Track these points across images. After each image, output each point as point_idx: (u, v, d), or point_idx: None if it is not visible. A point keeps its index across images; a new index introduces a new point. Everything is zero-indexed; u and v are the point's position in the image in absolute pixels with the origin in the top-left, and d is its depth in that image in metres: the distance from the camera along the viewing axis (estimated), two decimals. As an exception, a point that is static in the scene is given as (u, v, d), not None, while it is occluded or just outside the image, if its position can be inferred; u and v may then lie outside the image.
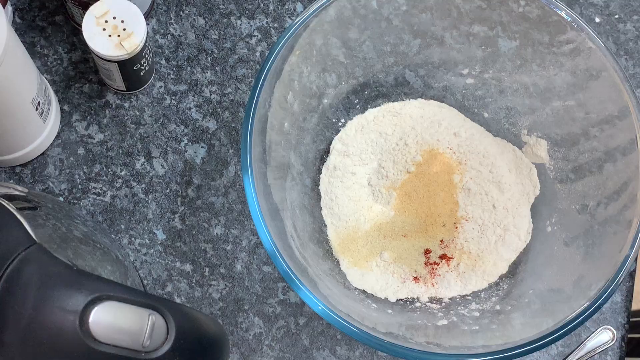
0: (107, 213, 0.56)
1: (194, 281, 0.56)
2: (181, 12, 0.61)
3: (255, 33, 0.61)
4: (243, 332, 0.55)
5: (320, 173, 0.57)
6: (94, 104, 0.58)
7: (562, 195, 0.55)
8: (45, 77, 0.58)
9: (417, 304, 0.54)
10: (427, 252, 0.55)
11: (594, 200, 0.51)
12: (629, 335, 0.57)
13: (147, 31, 0.53)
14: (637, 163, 0.47)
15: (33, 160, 0.56)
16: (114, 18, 0.51)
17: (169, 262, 0.56)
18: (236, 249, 0.57)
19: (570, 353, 0.56)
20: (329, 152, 0.58)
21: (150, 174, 0.57)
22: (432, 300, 0.55)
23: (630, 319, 0.58)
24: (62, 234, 0.41)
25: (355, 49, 0.56)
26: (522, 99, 0.57)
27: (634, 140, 0.48)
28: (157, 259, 0.56)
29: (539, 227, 0.56)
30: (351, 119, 0.59)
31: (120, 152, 0.57)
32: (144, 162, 0.58)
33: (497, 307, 0.52)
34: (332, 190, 0.56)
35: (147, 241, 0.56)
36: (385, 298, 0.54)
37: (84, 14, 0.51)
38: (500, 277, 0.55)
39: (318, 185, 0.57)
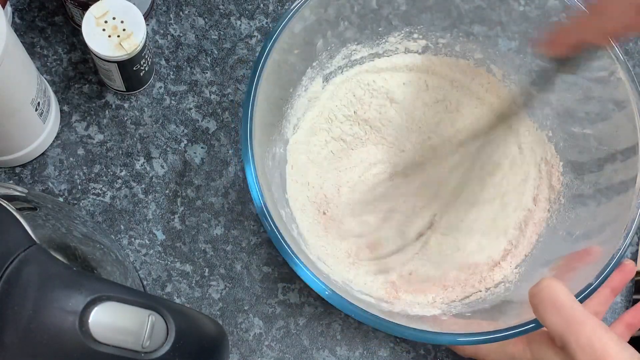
0: (106, 213, 0.56)
1: (193, 281, 0.56)
2: (181, 13, 0.61)
3: (255, 33, 0.61)
4: (243, 333, 0.55)
5: None
6: (94, 104, 0.58)
7: (553, 220, 0.55)
8: (45, 78, 0.58)
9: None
10: None
11: (581, 229, 0.51)
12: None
13: (147, 31, 0.53)
14: (630, 201, 0.47)
15: (33, 160, 0.56)
16: (114, 18, 0.51)
17: (169, 263, 0.56)
18: (236, 250, 0.56)
19: None
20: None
21: (150, 175, 0.57)
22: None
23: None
24: (61, 234, 0.41)
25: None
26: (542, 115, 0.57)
27: (635, 178, 0.48)
28: (157, 260, 0.56)
29: None
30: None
31: (120, 152, 0.57)
32: (144, 162, 0.58)
33: (461, 310, 0.52)
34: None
35: (147, 242, 0.56)
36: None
37: (84, 14, 0.51)
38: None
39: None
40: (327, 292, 0.44)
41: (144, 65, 0.55)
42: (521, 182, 0.56)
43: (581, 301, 0.44)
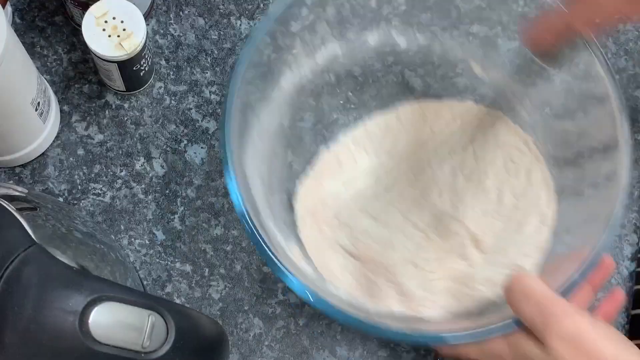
0: (106, 213, 0.56)
1: (193, 282, 0.56)
2: (181, 13, 0.61)
3: (255, 33, 0.61)
4: (243, 333, 0.55)
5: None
6: (94, 104, 0.58)
7: None
8: (45, 78, 0.58)
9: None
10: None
11: (563, 225, 0.51)
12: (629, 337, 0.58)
13: (147, 31, 0.53)
14: (612, 196, 0.47)
15: (33, 160, 0.56)
16: (114, 18, 0.51)
17: (169, 263, 0.56)
18: (236, 250, 0.57)
19: None
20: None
21: (150, 175, 0.57)
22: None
23: (631, 317, 0.58)
24: (61, 234, 0.41)
25: (354, 48, 0.57)
26: (523, 108, 0.56)
27: (615, 173, 0.48)
28: (157, 260, 0.56)
29: None
30: (349, 118, 0.58)
31: (120, 152, 0.57)
32: (144, 162, 0.58)
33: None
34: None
35: (147, 242, 0.56)
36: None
37: (84, 14, 0.51)
38: None
39: None
40: (312, 299, 0.43)
41: (144, 65, 0.55)
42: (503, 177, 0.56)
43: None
